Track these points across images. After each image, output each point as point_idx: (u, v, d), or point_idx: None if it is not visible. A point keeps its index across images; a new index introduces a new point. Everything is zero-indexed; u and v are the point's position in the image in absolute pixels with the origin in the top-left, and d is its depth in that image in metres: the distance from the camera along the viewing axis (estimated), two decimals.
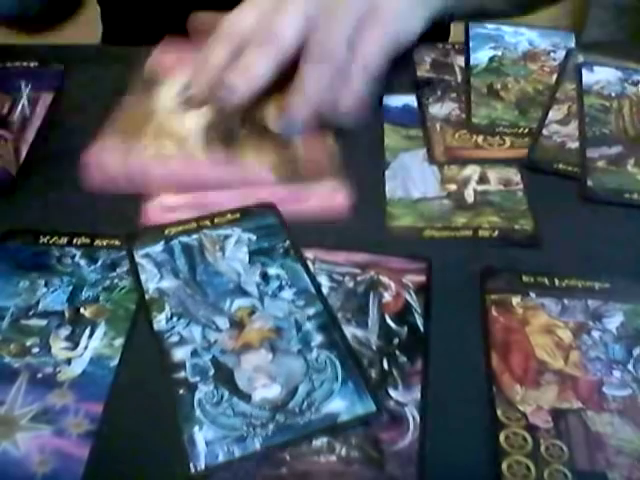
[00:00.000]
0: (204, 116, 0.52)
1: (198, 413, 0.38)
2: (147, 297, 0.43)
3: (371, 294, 0.43)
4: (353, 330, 0.41)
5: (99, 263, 0.45)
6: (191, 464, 0.36)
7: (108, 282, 0.44)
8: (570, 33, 0.64)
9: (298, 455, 0.36)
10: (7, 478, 0.36)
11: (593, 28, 1.56)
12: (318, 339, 0.41)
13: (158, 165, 0.50)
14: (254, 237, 0.46)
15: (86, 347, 0.41)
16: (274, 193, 0.49)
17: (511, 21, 0.65)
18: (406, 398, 0.38)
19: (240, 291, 0.43)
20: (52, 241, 0.46)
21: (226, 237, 0.47)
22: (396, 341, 0.41)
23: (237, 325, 0.42)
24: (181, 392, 0.39)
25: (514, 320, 0.42)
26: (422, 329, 0.42)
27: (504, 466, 0.36)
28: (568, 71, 0.59)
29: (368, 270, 0.45)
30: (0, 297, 0.43)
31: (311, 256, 0.45)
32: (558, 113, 0.56)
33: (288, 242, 0.46)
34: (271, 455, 0.36)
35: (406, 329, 0.42)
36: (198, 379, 0.39)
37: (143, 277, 0.44)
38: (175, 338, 0.41)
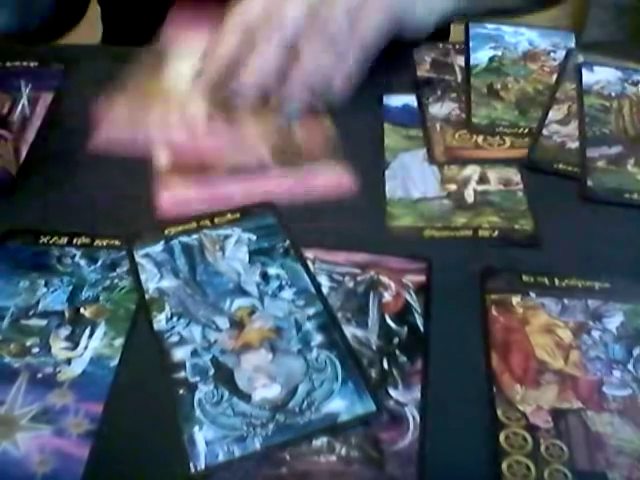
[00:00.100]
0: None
1: (198, 413, 0.38)
2: (147, 297, 0.43)
3: (371, 294, 0.43)
4: (353, 330, 0.41)
5: (99, 263, 0.45)
6: (191, 464, 0.36)
7: (108, 282, 0.44)
8: (570, 33, 0.64)
9: (298, 455, 0.36)
10: (7, 478, 0.36)
11: (593, 28, 1.56)
12: (318, 339, 0.41)
13: (161, 132, 0.53)
14: (254, 237, 0.46)
15: (86, 347, 0.41)
16: (281, 184, 0.50)
17: (511, 21, 0.65)
18: (406, 398, 0.38)
19: (240, 291, 0.43)
20: (52, 241, 0.46)
21: (226, 237, 0.47)
22: (396, 341, 0.41)
23: (237, 325, 0.42)
24: (181, 392, 0.39)
25: (514, 320, 0.42)
26: (422, 329, 0.42)
27: (504, 466, 0.36)
28: (568, 71, 0.59)
29: (368, 270, 0.45)
30: (0, 297, 0.43)
31: (311, 256, 0.45)
32: (558, 113, 0.56)
33: (288, 242, 0.46)
34: (271, 455, 0.36)
35: (406, 329, 0.42)
36: (198, 379, 0.39)
37: (143, 277, 0.44)
38: (175, 338, 0.41)
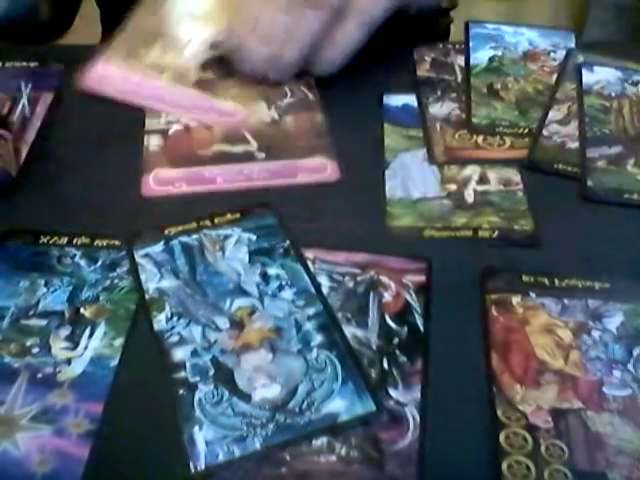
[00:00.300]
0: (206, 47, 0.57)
1: (198, 413, 0.38)
2: (147, 297, 0.43)
3: (371, 294, 0.43)
4: (353, 330, 0.41)
5: (99, 263, 0.45)
6: (191, 464, 0.36)
7: (108, 282, 0.44)
8: (570, 33, 0.64)
9: (298, 455, 0.36)
10: (7, 478, 0.36)
11: (593, 28, 1.56)
12: (318, 339, 0.41)
13: (149, 83, 0.56)
14: (254, 237, 0.46)
15: (86, 347, 0.41)
16: (266, 168, 0.51)
17: (511, 21, 0.65)
18: (406, 398, 0.38)
19: (240, 291, 0.43)
20: (52, 241, 0.46)
21: (226, 237, 0.47)
22: (396, 341, 0.41)
23: (237, 325, 0.42)
24: (181, 392, 0.38)
25: (514, 320, 0.42)
26: (422, 329, 0.42)
27: (504, 466, 0.36)
28: (568, 71, 0.59)
29: (368, 270, 0.45)
30: (0, 297, 0.43)
31: (311, 256, 0.45)
32: (558, 113, 0.56)
33: (288, 242, 0.46)
34: (271, 455, 0.36)
35: (406, 329, 0.42)
36: (198, 379, 0.39)
37: (143, 277, 0.44)
38: (175, 338, 0.41)
